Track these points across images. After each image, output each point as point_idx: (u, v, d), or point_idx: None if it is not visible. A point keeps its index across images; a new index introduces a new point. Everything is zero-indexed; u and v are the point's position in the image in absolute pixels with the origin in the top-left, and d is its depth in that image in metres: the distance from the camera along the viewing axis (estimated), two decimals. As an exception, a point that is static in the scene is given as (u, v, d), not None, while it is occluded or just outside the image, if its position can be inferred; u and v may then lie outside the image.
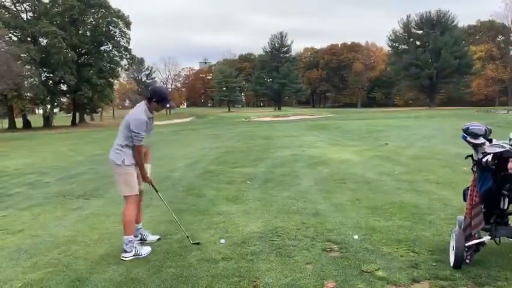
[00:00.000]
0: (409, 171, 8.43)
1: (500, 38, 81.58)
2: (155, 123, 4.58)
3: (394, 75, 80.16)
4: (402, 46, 75.20)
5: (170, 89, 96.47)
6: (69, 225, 5.37)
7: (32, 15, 48.97)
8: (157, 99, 4.23)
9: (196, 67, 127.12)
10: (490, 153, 3.38)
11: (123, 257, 4.05)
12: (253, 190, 7.08)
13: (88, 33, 53.05)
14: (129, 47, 55.44)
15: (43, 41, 48.55)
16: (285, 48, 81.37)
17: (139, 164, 4.24)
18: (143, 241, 4.49)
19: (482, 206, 3.62)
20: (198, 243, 4.35)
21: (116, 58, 55.59)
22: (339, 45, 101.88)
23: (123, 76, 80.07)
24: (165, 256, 4.07)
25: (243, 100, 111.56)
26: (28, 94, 44.62)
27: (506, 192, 3.47)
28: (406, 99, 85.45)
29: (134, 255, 4.06)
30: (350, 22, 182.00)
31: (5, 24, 42.11)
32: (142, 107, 4.25)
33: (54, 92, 50.15)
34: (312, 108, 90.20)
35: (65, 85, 51.03)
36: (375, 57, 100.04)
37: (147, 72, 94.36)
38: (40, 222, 5.60)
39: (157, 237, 4.61)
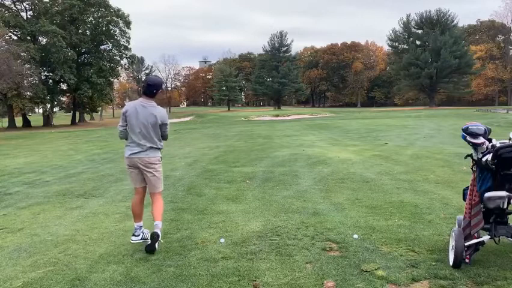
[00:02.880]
0: (409, 171, 8.43)
1: (500, 37, 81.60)
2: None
3: (394, 75, 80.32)
4: (402, 46, 75.32)
5: (170, 88, 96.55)
6: (69, 224, 5.37)
7: (31, 14, 48.90)
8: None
9: (196, 66, 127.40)
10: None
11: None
12: (253, 189, 7.09)
13: (88, 32, 53.04)
14: (129, 46, 55.56)
15: (43, 40, 48.58)
16: (285, 48, 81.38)
17: None
18: (145, 240, 4.42)
19: (482, 206, 3.63)
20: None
21: (116, 57, 55.63)
22: (339, 45, 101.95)
23: (123, 75, 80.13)
24: (165, 255, 4.07)
25: (243, 99, 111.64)
26: (28, 93, 44.54)
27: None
28: (406, 99, 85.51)
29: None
30: (350, 21, 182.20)
31: (5, 23, 42.07)
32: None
33: (54, 91, 50.13)
34: (312, 108, 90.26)
35: (65, 84, 51.06)
36: (375, 57, 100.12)
37: (147, 71, 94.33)
38: (40, 221, 5.60)
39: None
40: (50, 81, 50.04)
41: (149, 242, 4.27)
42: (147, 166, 4.43)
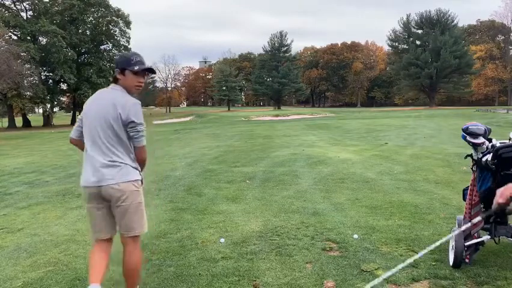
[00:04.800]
0: (409, 171, 8.43)
1: (500, 37, 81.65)
2: (156, 121, 4.30)
3: (394, 75, 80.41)
4: (402, 46, 75.41)
5: (170, 89, 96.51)
6: (69, 224, 5.37)
7: (31, 14, 49.01)
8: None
9: (196, 66, 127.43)
10: None
11: None
12: (253, 189, 7.08)
13: (88, 32, 53.15)
14: (129, 46, 55.63)
15: (43, 40, 48.64)
16: (285, 48, 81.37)
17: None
18: None
19: (482, 206, 3.63)
20: None
21: (116, 57, 55.69)
22: (339, 45, 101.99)
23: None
24: (165, 255, 4.07)
25: (243, 99, 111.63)
26: (28, 93, 44.64)
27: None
28: (406, 99, 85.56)
29: None
30: (350, 21, 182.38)
31: (5, 23, 42.12)
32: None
33: (54, 91, 50.25)
34: (312, 108, 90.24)
35: (65, 84, 51.14)
36: (375, 57, 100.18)
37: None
38: (40, 221, 5.60)
39: None
40: (50, 81, 50.17)
41: None
42: (114, 198, 2.75)
